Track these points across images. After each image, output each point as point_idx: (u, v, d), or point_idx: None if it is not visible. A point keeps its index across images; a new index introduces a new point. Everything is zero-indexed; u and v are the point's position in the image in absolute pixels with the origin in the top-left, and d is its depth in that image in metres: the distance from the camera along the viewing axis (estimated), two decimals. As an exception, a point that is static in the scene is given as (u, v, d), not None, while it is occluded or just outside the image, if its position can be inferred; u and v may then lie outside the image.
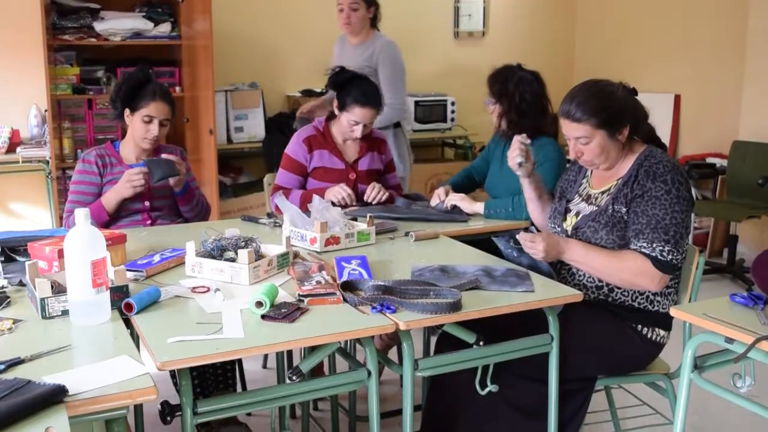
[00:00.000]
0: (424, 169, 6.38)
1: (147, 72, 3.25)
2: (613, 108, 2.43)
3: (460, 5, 6.86)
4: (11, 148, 4.94)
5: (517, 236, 2.48)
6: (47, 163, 4.98)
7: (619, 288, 2.47)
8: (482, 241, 2.98)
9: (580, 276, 2.53)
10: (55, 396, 1.48)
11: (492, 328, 2.24)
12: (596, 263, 2.43)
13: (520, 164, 2.71)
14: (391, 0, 6.50)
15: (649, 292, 2.46)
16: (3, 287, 2.18)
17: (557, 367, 2.29)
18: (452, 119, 6.52)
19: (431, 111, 6.47)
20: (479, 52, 6.93)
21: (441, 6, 6.82)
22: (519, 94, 3.20)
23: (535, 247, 2.42)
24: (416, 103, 6.38)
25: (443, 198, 3.27)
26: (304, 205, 2.94)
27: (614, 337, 2.46)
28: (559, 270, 2.58)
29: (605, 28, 7.12)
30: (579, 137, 2.45)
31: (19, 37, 5.18)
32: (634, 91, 2.55)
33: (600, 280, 2.48)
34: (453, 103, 6.48)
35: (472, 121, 6.45)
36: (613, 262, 2.40)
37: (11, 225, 5.01)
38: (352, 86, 3.32)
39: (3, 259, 2.32)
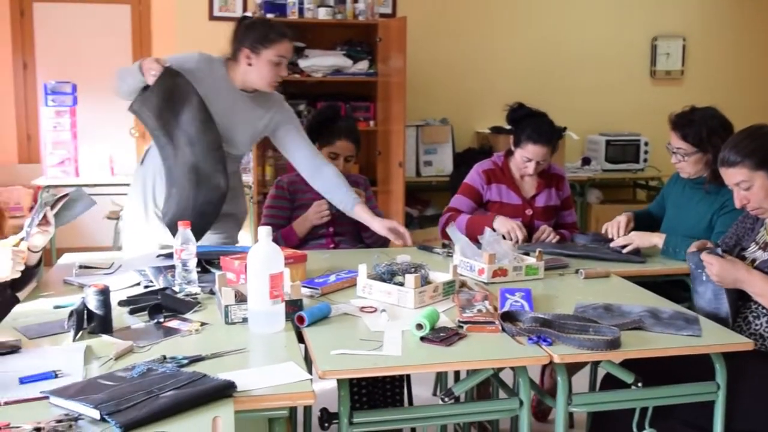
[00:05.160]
0: (614, 209, 6.18)
1: (336, 110, 3.49)
2: None
3: (658, 44, 6.69)
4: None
5: (701, 255, 2.42)
6: (250, 187, 5.41)
7: (799, 340, 2.34)
8: (656, 284, 2.91)
9: (756, 325, 2.42)
10: (225, 390, 1.66)
11: (655, 372, 2.20)
12: None
13: None
14: (587, 39, 6.54)
15: (833, 346, 2.31)
16: (196, 294, 2.43)
17: (723, 417, 2.20)
18: (645, 160, 6.36)
19: (623, 151, 6.35)
20: (677, 92, 6.71)
21: (637, 45, 6.70)
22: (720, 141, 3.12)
23: (710, 269, 2.38)
24: (608, 142, 6.30)
25: (623, 226, 3.22)
26: (468, 229, 2.99)
27: (792, 392, 2.33)
28: (734, 319, 2.48)
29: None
30: (739, 182, 2.39)
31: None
32: None
33: (779, 331, 2.36)
34: (646, 144, 6.32)
35: (666, 162, 6.23)
36: None
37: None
38: (527, 123, 3.37)
39: (200, 269, 2.58)
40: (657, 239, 3.13)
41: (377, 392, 2.99)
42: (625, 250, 3.12)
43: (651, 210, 3.54)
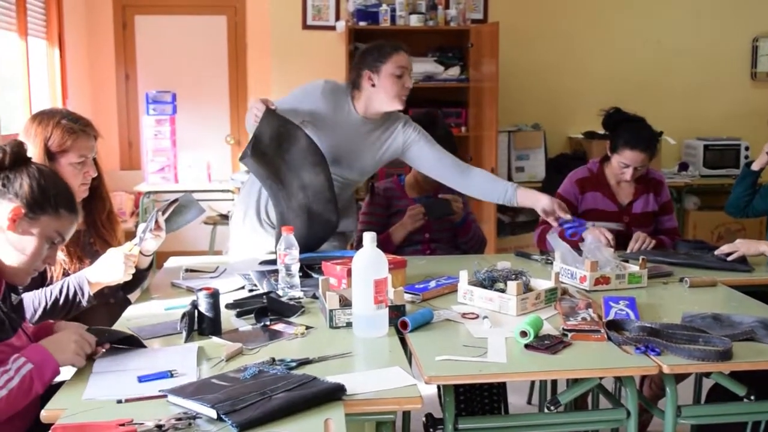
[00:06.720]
0: (712, 216, 6.06)
1: (432, 117, 3.49)
2: None
3: (759, 44, 6.45)
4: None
5: None
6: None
7: None
8: (764, 294, 2.82)
9: None
10: (335, 393, 1.69)
11: (762, 386, 2.13)
12: None
13: None
14: (684, 40, 6.37)
15: None
16: (300, 298, 2.48)
17: (842, 433, 2.12)
18: (746, 165, 6.14)
19: (722, 155, 6.16)
20: (780, 95, 6.48)
21: (737, 45, 6.47)
22: None
23: None
24: (705, 146, 6.12)
25: None
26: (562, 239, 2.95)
27: None
28: None
29: None
30: None
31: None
32: None
33: None
34: (747, 148, 6.11)
35: (768, 168, 6.03)
36: None
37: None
38: (624, 128, 3.31)
39: (301, 274, 2.63)
40: (765, 247, 3.02)
41: (475, 399, 2.98)
42: (730, 258, 3.03)
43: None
